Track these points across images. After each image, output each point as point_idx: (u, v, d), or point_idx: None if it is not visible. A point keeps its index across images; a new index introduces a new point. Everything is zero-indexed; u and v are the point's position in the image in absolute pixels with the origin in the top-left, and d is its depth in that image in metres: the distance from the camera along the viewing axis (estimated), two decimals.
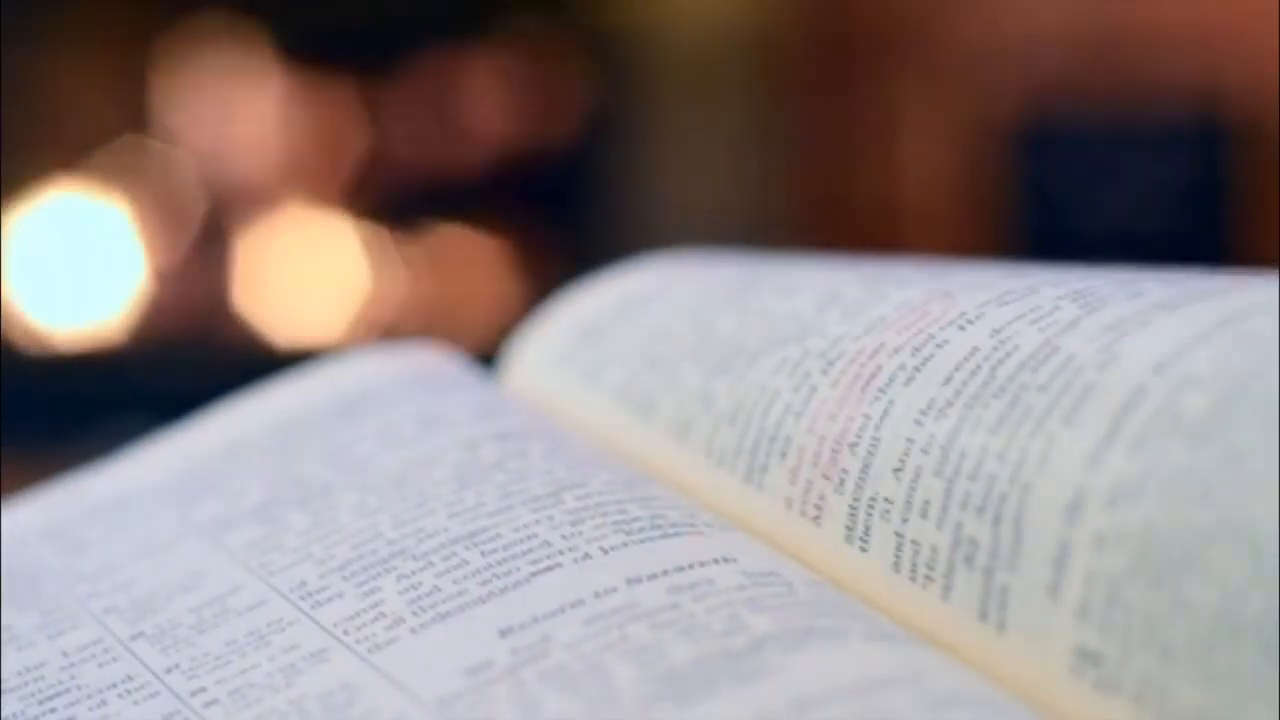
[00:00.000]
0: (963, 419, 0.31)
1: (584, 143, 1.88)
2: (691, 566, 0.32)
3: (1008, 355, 0.32)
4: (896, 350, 0.34)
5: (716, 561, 0.32)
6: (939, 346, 0.33)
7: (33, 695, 0.34)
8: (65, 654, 0.35)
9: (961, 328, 0.33)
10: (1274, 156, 1.71)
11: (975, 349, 0.33)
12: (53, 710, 0.33)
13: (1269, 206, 1.74)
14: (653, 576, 0.32)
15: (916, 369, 0.33)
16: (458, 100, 1.86)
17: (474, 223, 1.86)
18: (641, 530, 0.34)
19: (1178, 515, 0.27)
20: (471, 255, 1.85)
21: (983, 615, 0.30)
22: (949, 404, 0.32)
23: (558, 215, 1.88)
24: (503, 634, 0.31)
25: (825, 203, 1.89)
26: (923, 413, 0.32)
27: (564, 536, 0.34)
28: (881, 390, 0.33)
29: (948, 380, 0.32)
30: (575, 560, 0.33)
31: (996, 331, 0.33)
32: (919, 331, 0.34)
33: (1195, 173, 1.77)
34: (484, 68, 1.86)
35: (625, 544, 0.33)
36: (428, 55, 1.86)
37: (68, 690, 0.34)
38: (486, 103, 1.86)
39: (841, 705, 0.28)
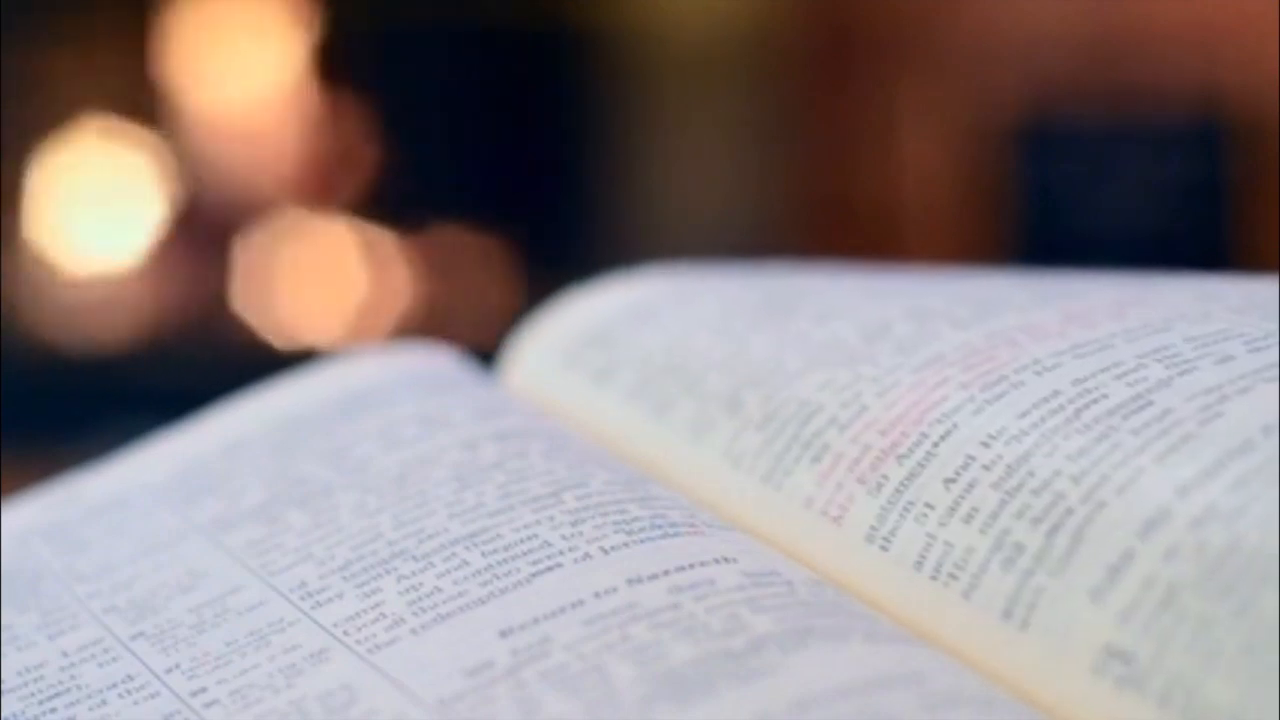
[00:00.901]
0: (1037, 446, 0.32)
1: (584, 142, 1.88)
2: (692, 566, 0.32)
3: (1094, 401, 0.33)
4: (965, 385, 0.35)
5: (717, 561, 0.32)
6: (1014, 386, 0.34)
7: (33, 695, 0.34)
8: (65, 654, 0.35)
9: (1038, 374, 0.34)
10: (1274, 156, 1.71)
11: (1056, 392, 0.34)
12: (53, 710, 0.33)
13: (1269, 206, 1.74)
14: (653, 577, 0.32)
15: (988, 402, 0.34)
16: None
17: (474, 223, 1.86)
18: (642, 530, 0.34)
19: (1270, 538, 0.28)
20: (471, 255, 1.85)
21: (1006, 614, 0.30)
22: (1024, 433, 0.33)
23: (557, 215, 1.88)
24: (503, 634, 0.31)
25: (825, 202, 1.89)
26: (992, 437, 0.33)
27: (564, 537, 0.34)
28: (946, 415, 0.34)
29: (1024, 415, 0.33)
30: (575, 560, 0.33)
31: (1080, 381, 0.34)
32: (988, 372, 0.35)
33: (1195, 173, 1.77)
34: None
35: (626, 544, 0.33)
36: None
37: (68, 690, 0.34)
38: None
39: (841, 705, 0.28)
